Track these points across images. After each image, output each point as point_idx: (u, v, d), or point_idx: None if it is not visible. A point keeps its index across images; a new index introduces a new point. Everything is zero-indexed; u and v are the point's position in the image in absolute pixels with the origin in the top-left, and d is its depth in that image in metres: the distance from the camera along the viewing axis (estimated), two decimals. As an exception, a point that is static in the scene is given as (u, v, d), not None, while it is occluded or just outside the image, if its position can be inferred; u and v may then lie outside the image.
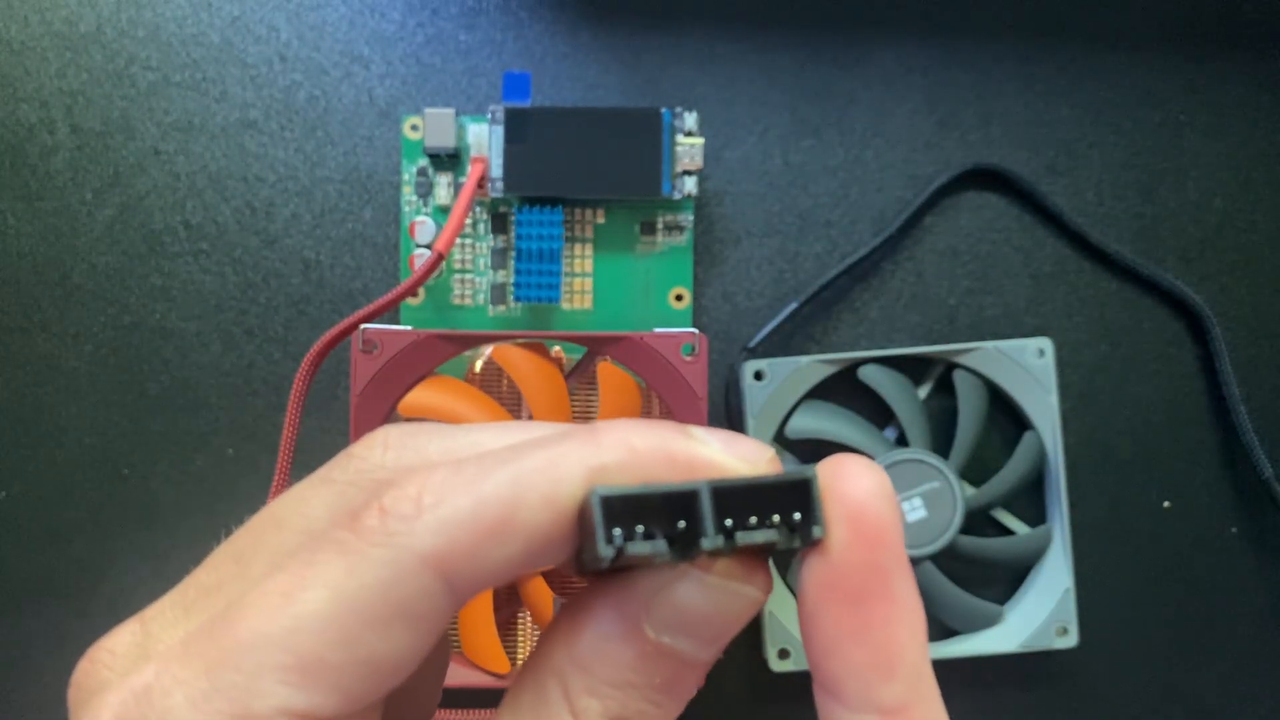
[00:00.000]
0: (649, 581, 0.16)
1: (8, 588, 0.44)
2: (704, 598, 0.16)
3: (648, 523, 0.15)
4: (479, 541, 0.15)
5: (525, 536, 0.15)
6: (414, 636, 0.15)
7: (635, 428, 0.16)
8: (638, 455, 0.16)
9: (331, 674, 0.15)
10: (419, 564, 0.15)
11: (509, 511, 0.15)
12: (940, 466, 0.42)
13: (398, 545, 0.15)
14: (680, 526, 0.15)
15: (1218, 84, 0.46)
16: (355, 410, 0.39)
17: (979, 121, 0.45)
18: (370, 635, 0.15)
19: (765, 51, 0.45)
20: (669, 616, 0.16)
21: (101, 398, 0.44)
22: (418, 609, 0.15)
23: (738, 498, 0.15)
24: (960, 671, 0.44)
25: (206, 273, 0.44)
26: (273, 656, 0.14)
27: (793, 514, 0.16)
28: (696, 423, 0.39)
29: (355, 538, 0.15)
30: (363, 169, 0.45)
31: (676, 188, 0.42)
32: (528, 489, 0.15)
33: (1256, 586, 0.45)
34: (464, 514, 0.15)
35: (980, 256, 0.45)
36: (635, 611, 0.16)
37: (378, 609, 0.15)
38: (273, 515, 0.17)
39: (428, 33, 0.45)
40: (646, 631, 0.16)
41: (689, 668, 0.16)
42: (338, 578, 0.15)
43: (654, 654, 0.16)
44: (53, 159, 0.44)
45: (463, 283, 0.44)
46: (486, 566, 0.15)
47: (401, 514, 0.15)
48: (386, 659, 0.15)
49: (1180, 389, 0.45)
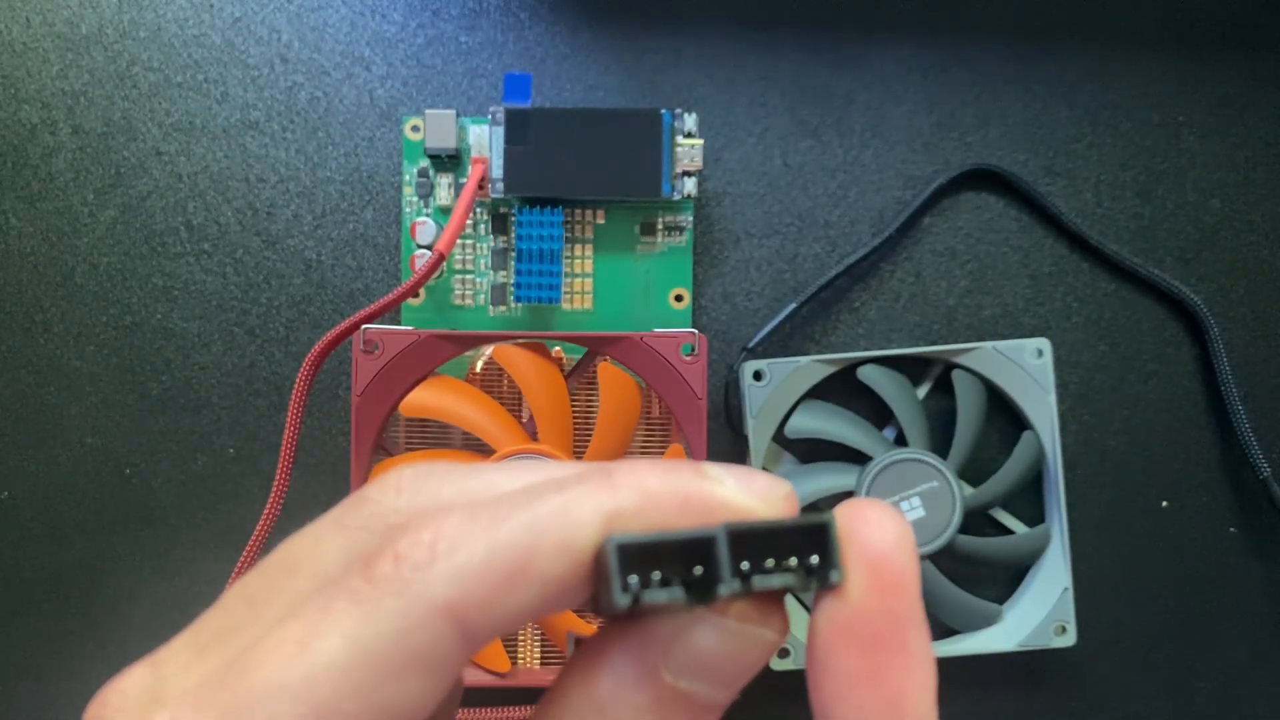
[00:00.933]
0: (666, 626, 0.16)
1: (9, 588, 0.44)
2: (721, 642, 0.16)
3: (664, 569, 0.15)
4: (494, 590, 0.15)
5: (541, 584, 0.15)
6: (429, 684, 0.15)
7: (650, 470, 0.16)
8: (653, 499, 0.16)
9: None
10: (433, 613, 0.15)
11: (524, 559, 0.15)
12: (939, 466, 0.42)
13: (412, 594, 0.15)
14: (696, 572, 0.15)
15: (1215, 85, 0.46)
16: (356, 410, 0.39)
17: (977, 122, 0.45)
18: (385, 684, 0.15)
19: (765, 53, 0.45)
20: (686, 661, 0.16)
21: (103, 398, 0.44)
22: (432, 657, 0.15)
23: (754, 541, 0.15)
24: (959, 670, 0.44)
25: (208, 273, 0.45)
26: (288, 707, 0.14)
27: (810, 557, 0.15)
28: (696, 423, 0.39)
29: (370, 586, 0.15)
30: (364, 170, 0.45)
31: (676, 188, 0.42)
32: (543, 535, 0.15)
33: (1254, 586, 0.46)
34: (478, 562, 0.15)
35: (979, 257, 0.45)
36: (653, 656, 0.16)
37: (393, 658, 0.15)
38: (286, 558, 0.17)
39: (429, 34, 0.45)
40: (664, 676, 0.16)
41: (705, 711, 0.16)
42: (353, 627, 0.15)
43: (671, 698, 0.16)
44: (55, 160, 0.44)
45: (463, 283, 0.44)
46: (502, 614, 0.15)
47: (416, 562, 0.15)
48: (401, 707, 0.15)
49: (1178, 389, 0.46)
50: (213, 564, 0.44)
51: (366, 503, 0.17)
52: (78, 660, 0.44)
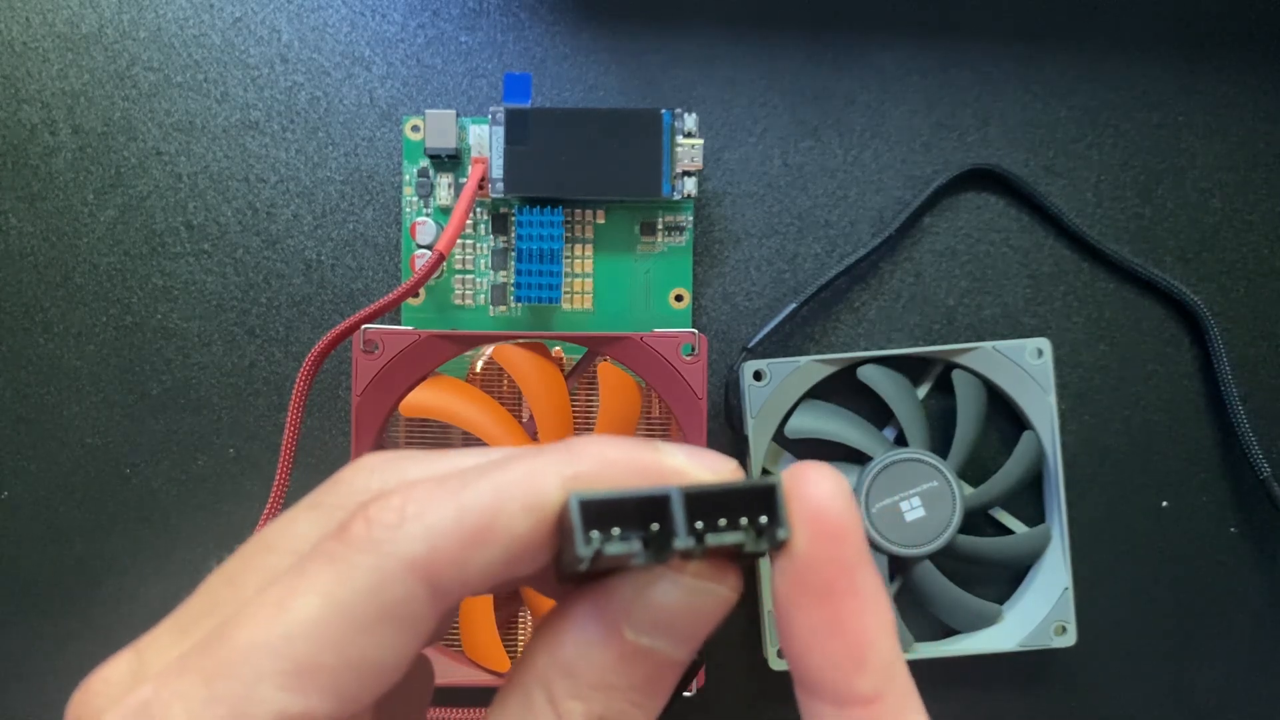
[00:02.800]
0: (626, 585, 0.17)
1: (9, 587, 0.44)
2: (678, 597, 0.16)
3: (623, 525, 0.16)
4: (462, 547, 0.16)
5: (506, 542, 0.16)
6: (402, 639, 0.16)
7: (608, 441, 0.17)
8: (611, 465, 0.17)
9: (325, 677, 0.15)
10: (404, 569, 0.15)
11: (490, 518, 0.16)
12: (939, 466, 0.42)
13: (384, 552, 0.15)
14: (654, 529, 0.16)
15: (1215, 85, 0.46)
16: (356, 410, 0.39)
17: (977, 122, 0.45)
18: (361, 639, 0.15)
19: (765, 53, 0.45)
20: (646, 617, 0.16)
21: (103, 398, 0.44)
22: (405, 613, 0.16)
23: (707, 502, 0.16)
24: (959, 670, 0.44)
25: (208, 273, 0.45)
26: (268, 663, 0.15)
27: (759, 517, 0.16)
28: (696, 423, 0.39)
29: (343, 547, 0.16)
30: (364, 170, 0.45)
31: (676, 188, 0.42)
32: (508, 497, 0.16)
33: (1254, 585, 0.46)
34: (447, 521, 0.16)
35: (979, 257, 0.45)
36: (614, 615, 0.16)
37: (367, 613, 0.15)
38: (263, 540, 0.18)
39: (429, 34, 0.45)
40: (626, 633, 0.16)
41: (666, 667, 0.17)
42: (328, 585, 0.15)
43: (633, 655, 0.17)
44: (54, 160, 0.44)
45: (463, 283, 0.44)
46: (469, 571, 0.16)
47: (386, 523, 0.16)
48: (377, 661, 0.16)
49: (1178, 389, 0.46)
50: (213, 564, 0.44)
51: (340, 483, 0.18)
52: (77, 660, 0.44)
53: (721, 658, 0.44)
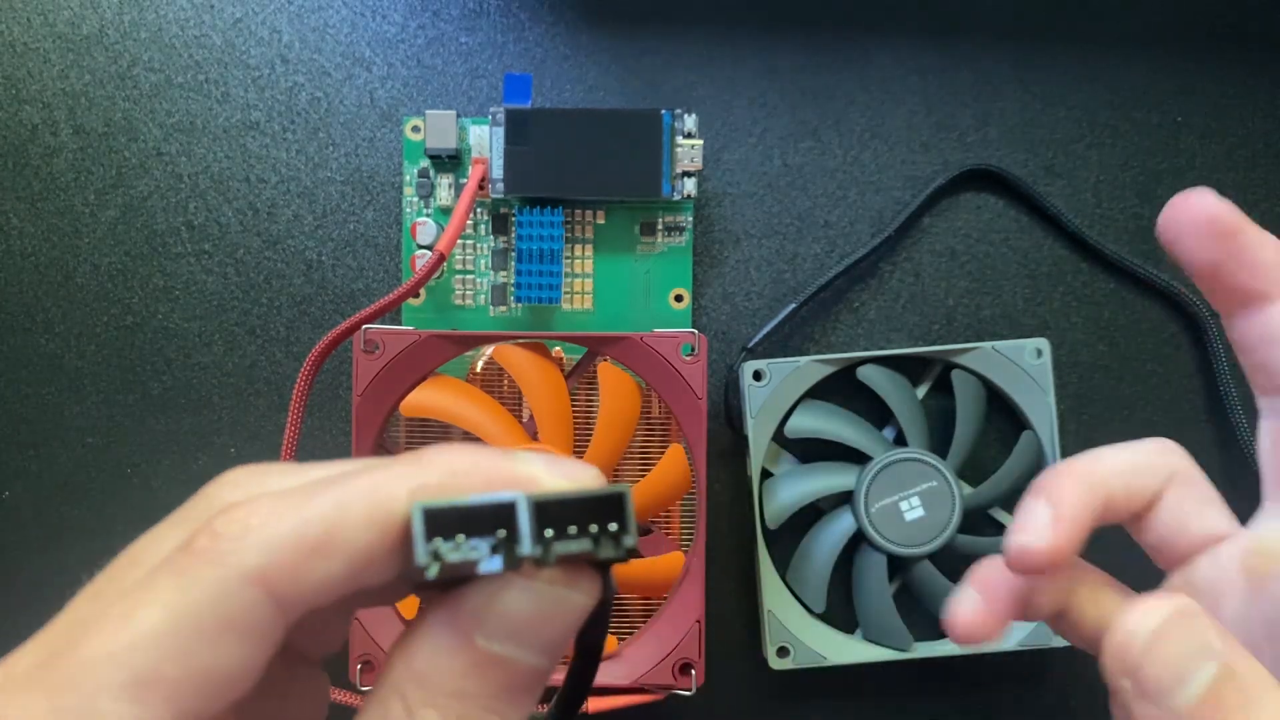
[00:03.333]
0: (477, 593, 0.17)
1: (10, 588, 0.44)
2: (529, 604, 0.17)
3: (469, 533, 0.16)
4: (302, 558, 0.16)
5: (347, 553, 0.16)
6: (245, 650, 0.16)
7: (458, 451, 0.17)
8: (459, 475, 0.17)
9: (167, 688, 0.15)
10: (244, 580, 0.16)
11: (331, 530, 0.16)
12: (938, 466, 0.42)
13: (225, 564, 0.16)
14: (500, 535, 0.16)
15: (1215, 85, 0.46)
16: (357, 410, 0.39)
17: (977, 123, 0.46)
18: (204, 649, 0.16)
19: (765, 54, 0.45)
20: (497, 624, 0.16)
21: (104, 397, 0.44)
22: (247, 623, 0.16)
23: (555, 510, 0.16)
24: (959, 670, 0.44)
25: (209, 273, 0.45)
26: (110, 675, 0.15)
27: (608, 524, 0.16)
28: (696, 422, 0.39)
29: (188, 559, 0.16)
30: (364, 170, 0.45)
31: (676, 189, 0.42)
32: (349, 508, 0.16)
33: (1253, 585, 0.46)
34: (287, 533, 0.16)
35: (978, 257, 0.46)
36: (465, 622, 0.17)
37: (209, 624, 0.16)
38: (129, 556, 0.18)
39: (429, 35, 0.45)
40: (478, 641, 0.16)
41: (523, 675, 0.17)
42: (170, 596, 0.16)
43: (486, 663, 0.17)
44: (55, 160, 0.45)
45: (464, 283, 0.44)
46: (310, 582, 0.16)
47: (229, 535, 0.16)
48: (219, 671, 0.16)
49: (1177, 389, 0.46)
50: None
51: (203, 498, 0.19)
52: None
53: (721, 658, 0.44)
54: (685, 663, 0.39)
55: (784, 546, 0.44)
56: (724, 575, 0.45)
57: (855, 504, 0.42)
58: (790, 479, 0.43)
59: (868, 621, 0.43)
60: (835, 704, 0.45)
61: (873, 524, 0.42)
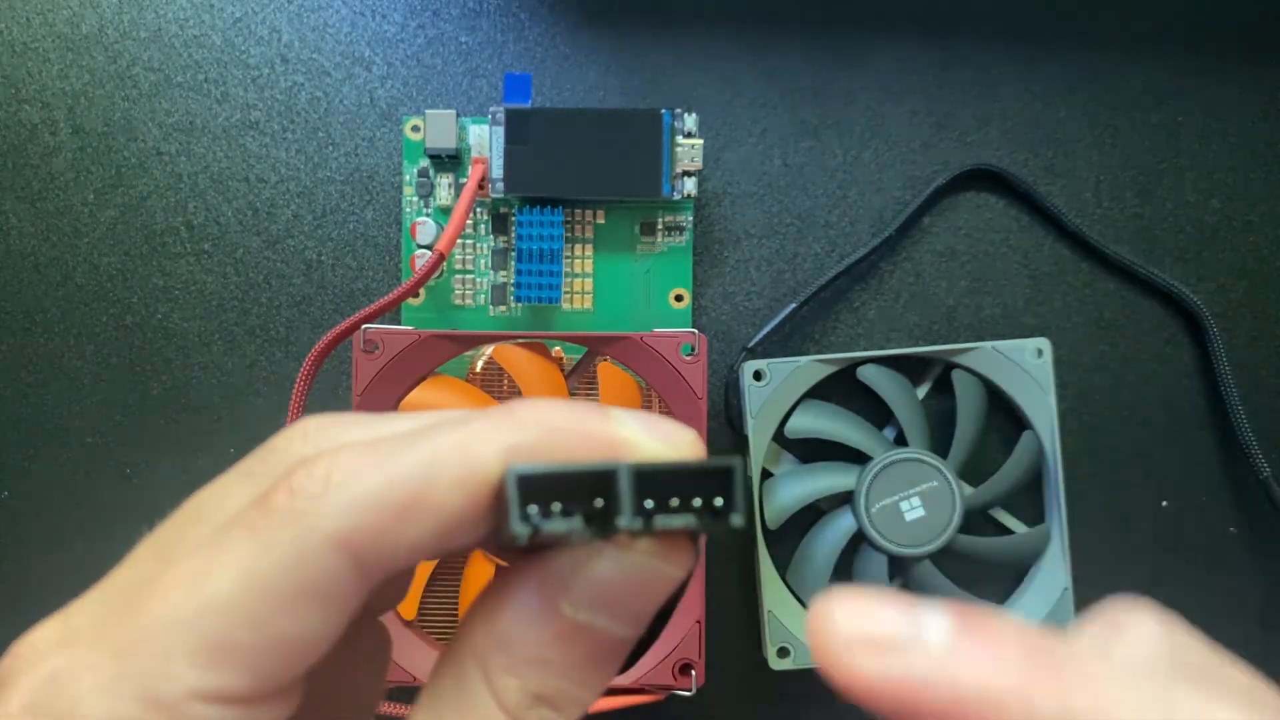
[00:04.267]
0: (567, 559, 0.16)
1: (9, 588, 0.44)
2: (621, 575, 0.16)
3: (565, 501, 0.15)
4: (388, 521, 0.15)
5: (437, 517, 0.15)
6: (324, 616, 0.15)
7: (553, 406, 0.16)
8: (555, 434, 0.15)
9: (241, 654, 0.14)
10: (326, 544, 0.15)
11: (421, 491, 0.15)
12: (939, 466, 0.42)
13: (305, 525, 0.15)
14: (598, 505, 0.15)
15: (1215, 85, 0.46)
16: (357, 410, 0.39)
17: (977, 122, 0.46)
18: (279, 615, 0.15)
19: (765, 53, 0.45)
20: (586, 594, 0.16)
21: (103, 398, 0.44)
22: (327, 588, 0.15)
23: (658, 480, 0.15)
24: (959, 670, 0.44)
25: (208, 273, 0.45)
26: (181, 639, 0.14)
27: (713, 499, 0.15)
28: (696, 422, 0.39)
29: (264, 518, 0.15)
30: (364, 170, 0.45)
31: (676, 188, 0.42)
32: (441, 468, 0.15)
33: (1254, 586, 0.46)
34: (373, 493, 0.15)
35: (978, 257, 0.45)
36: (553, 589, 0.16)
37: (285, 589, 0.15)
38: (194, 508, 0.17)
39: (429, 34, 0.45)
40: (564, 609, 0.16)
41: (608, 645, 0.16)
42: (245, 558, 0.15)
43: (572, 632, 0.16)
44: (55, 160, 0.44)
45: (463, 283, 0.44)
46: (397, 547, 0.15)
47: (309, 493, 0.15)
48: (296, 638, 0.15)
49: (1178, 389, 0.46)
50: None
51: (273, 451, 0.17)
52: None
53: (721, 658, 0.44)
54: (685, 663, 0.39)
55: (784, 546, 0.44)
56: (724, 575, 0.45)
57: (855, 504, 0.42)
58: (790, 479, 0.43)
59: (868, 622, 0.43)
60: (835, 704, 0.45)
61: (873, 524, 0.42)
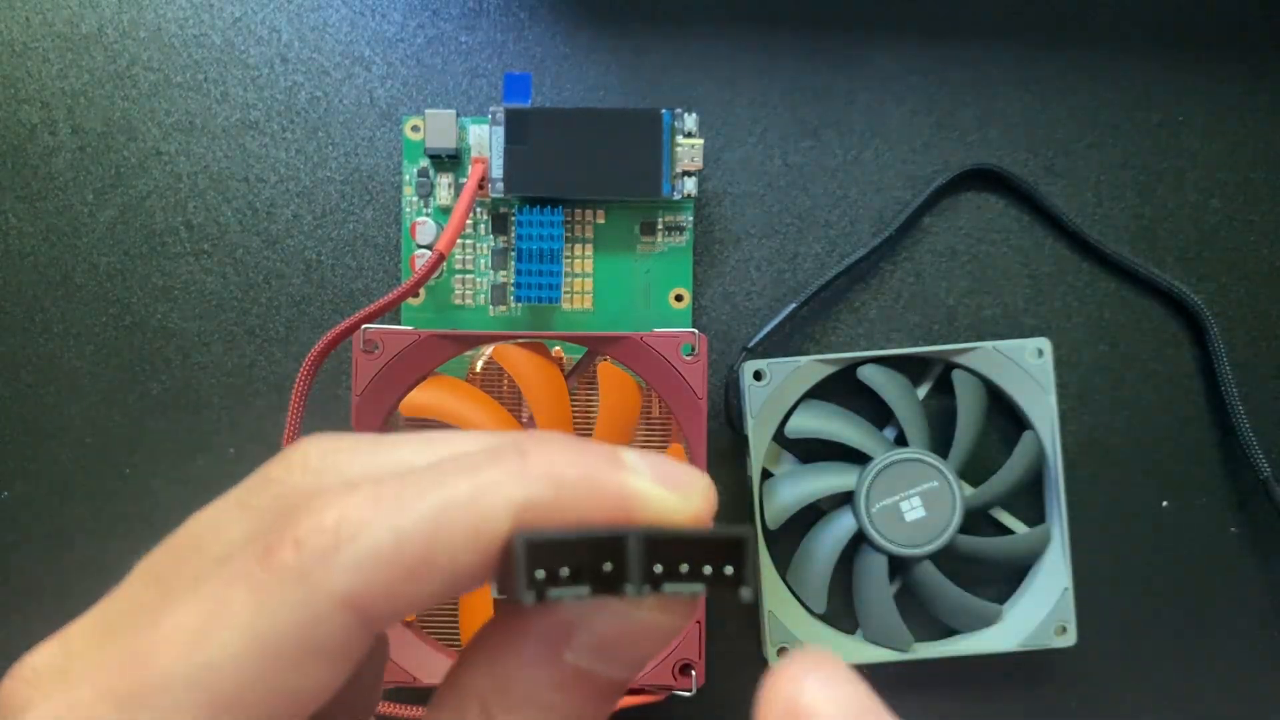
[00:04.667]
0: (570, 610, 0.16)
1: (9, 588, 0.44)
2: (624, 628, 0.16)
3: (573, 567, 0.15)
4: (399, 580, 0.15)
5: (447, 575, 0.15)
6: (332, 671, 0.15)
7: (564, 453, 0.16)
8: (565, 489, 0.15)
9: (245, 711, 0.14)
10: (335, 605, 0.14)
11: (430, 548, 0.15)
12: (939, 466, 0.42)
13: (313, 584, 0.14)
14: (606, 569, 0.15)
15: (1215, 84, 0.46)
16: (356, 410, 0.39)
17: (977, 122, 0.45)
18: (287, 674, 0.15)
19: (765, 53, 0.45)
20: (589, 644, 0.16)
21: (103, 398, 0.44)
22: (334, 647, 0.15)
23: (669, 548, 0.15)
24: (959, 670, 0.44)
25: (208, 273, 0.45)
26: (186, 695, 0.14)
27: (724, 569, 0.15)
28: (696, 423, 0.39)
29: (269, 575, 0.15)
30: (364, 170, 0.45)
31: (676, 188, 0.42)
32: (451, 525, 0.15)
33: (1255, 586, 0.46)
34: (384, 552, 0.15)
35: (979, 257, 0.45)
36: (556, 635, 0.16)
37: (294, 650, 0.15)
38: (190, 536, 0.17)
39: (429, 34, 0.45)
40: (567, 656, 0.16)
41: (607, 688, 0.16)
42: (251, 618, 0.15)
43: (573, 678, 0.16)
44: (54, 159, 0.44)
45: (463, 283, 0.44)
46: (404, 603, 0.15)
47: (317, 549, 0.15)
48: (301, 692, 0.15)
49: (1178, 389, 0.46)
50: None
51: (270, 483, 0.17)
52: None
53: (721, 657, 0.44)
54: (685, 663, 0.39)
55: (784, 546, 0.44)
56: (724, 575, 0.44)
57: (856, 504, 0.42)
58: (790, 479, 0.43)
59: (868, 622, 0.43)
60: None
61: (873, 524, 0.42)
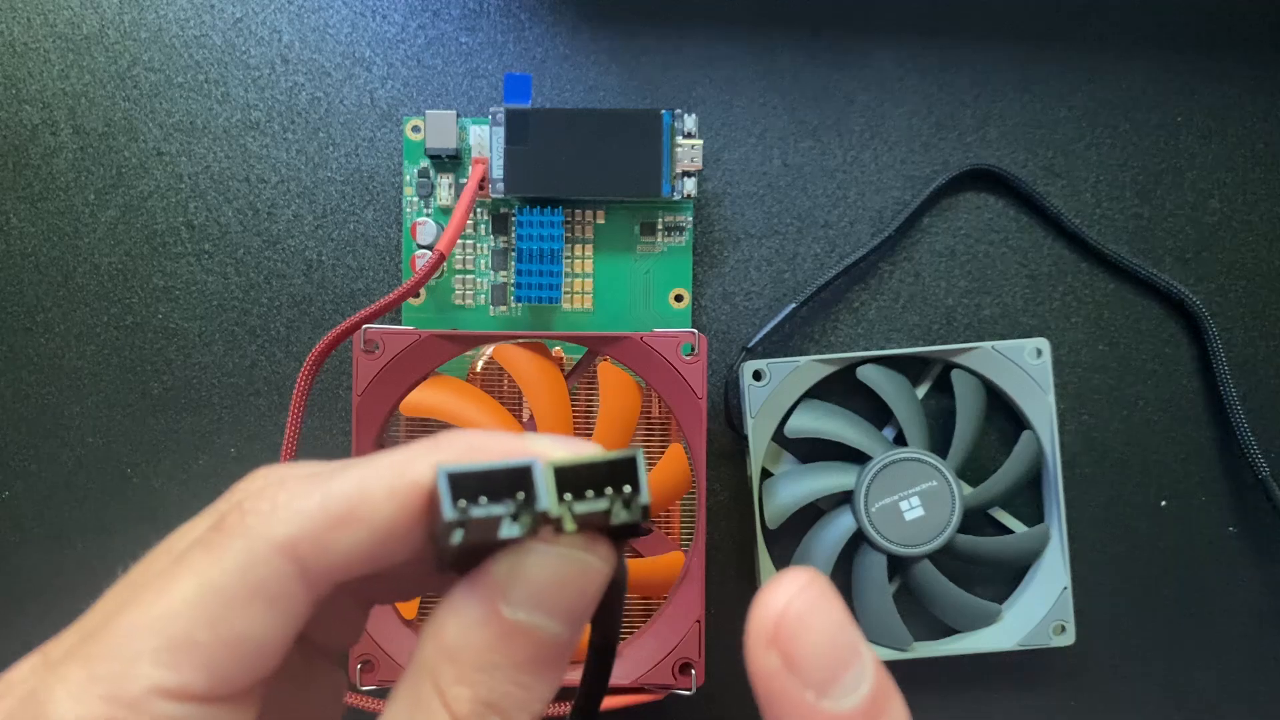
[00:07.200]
0: (501, 562, 0.17)
1: (10, 588, 0.44)
2: (550, 569, 0.17)
3: (490, 495, 0.17)
4: (327, 529, 0.17)
5: (372, 523, 0.17)
6: (273, 618, 0.17)
7: (475, 433, 0.18)
8: (475, 450, 0.18)
9: (199, 652, 0.16)
10: (272, 549, 0.17)
11: (355, 501, 0.17)
12: (938, 465, 0.42)
13: (253, 535, 0.17)
14: (520, 497, 0.17)
15: (1214, 85, 0.46)
16: (357, 410, 0.39)
17: (977, 123, 0.46)
18: (233, 615, 0.16)
19: (765, 53, 0.45)
20: (521, 591, 0.17)
21: (104, 398, 0.44)
22: (275, 590, 0.17)
23: (571, 474, 0.17)
24: (958, 669, 0.44)
25: (209, 273, 0.45)
26: (145, 642, 0.16)
27: (623, 486, 0.17)
28: (696, 422, 0.39)
29: (218, 534, 0.17)
30: (364, 170, 0.45)
31: (676, 189, 0.42)
32: (373, 483, 0.17)
33: (1253, 585, 0.46)
34: (313, 506, 0.17)
35: (978, 257, 0.46)
36: (490, 591, 0.17)
37: (238, 592, 0.17)
38: (163, 546, 0.19)
39: (429, 35, 0.45)
40: (503, 610, 0.17)
41: (549, 646, 0.17)
42: (202, 568, 0.17)
43: (512, 633, 0.17)
44: (56, 160, 0.45)
45: (464, 283, 0.44)
46: (336, 552, 0.17)
47: (258, 511, 0.17)
48: (250, 638, 0.17)
49: (1177, 389, 0.46)
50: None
51: (233, 491, 0.19)
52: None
53: (721, 657, 0.44)
54: (685, 663, 0.39)
55: (784, 546, 0.44)
56: (724, 575, 0.45)
57: (855, 504, 0.42)
58: (790, 479, 0.43)
59: (867, 621, 0.43)
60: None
61: (873, 524, 0.42)
